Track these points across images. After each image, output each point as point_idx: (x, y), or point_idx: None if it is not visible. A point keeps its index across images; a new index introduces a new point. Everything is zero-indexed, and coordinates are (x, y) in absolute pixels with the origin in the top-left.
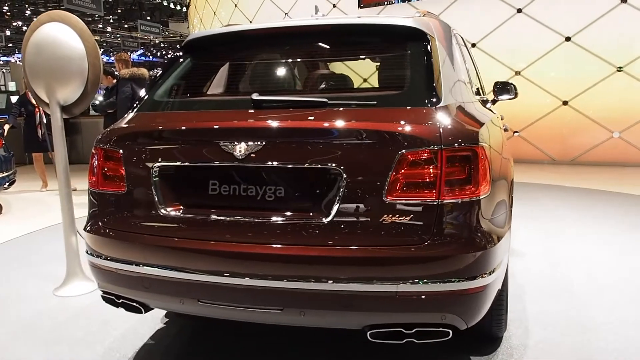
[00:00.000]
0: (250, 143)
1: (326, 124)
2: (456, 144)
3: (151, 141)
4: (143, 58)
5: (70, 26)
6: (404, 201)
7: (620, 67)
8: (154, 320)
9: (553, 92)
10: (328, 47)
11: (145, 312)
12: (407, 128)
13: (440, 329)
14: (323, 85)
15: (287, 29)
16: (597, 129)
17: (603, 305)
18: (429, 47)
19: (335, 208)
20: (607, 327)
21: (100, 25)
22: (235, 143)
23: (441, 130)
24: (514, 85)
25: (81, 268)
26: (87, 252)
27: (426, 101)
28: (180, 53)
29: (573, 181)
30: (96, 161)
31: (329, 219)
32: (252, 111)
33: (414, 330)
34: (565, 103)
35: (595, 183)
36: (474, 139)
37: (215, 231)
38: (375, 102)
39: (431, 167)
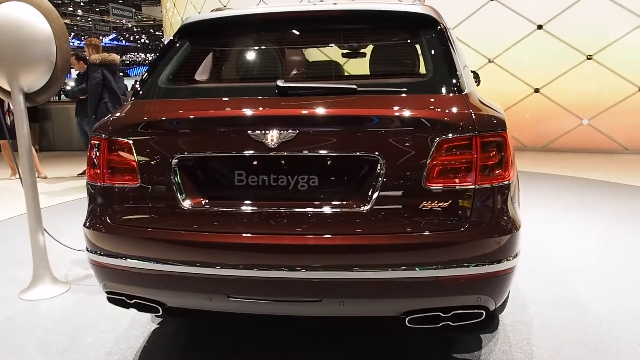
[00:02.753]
0: (282, 131)
1: (363, 111)
2: (488, 130)
3: (169, 131)
4: (116, 42)
5: (34, 6)
6: (443, 187)
7: (589, 55)
8: (146, 320)
9: (525, 79)
10: (344, 33)
11: (161, 312)
12: (444, 115)
13: (475, 310)
14: (343, 72)
15: (301, 13)
16: (567, 116)
17: (586, 283)
18: (444, 35)
19: (374, 196)
20: (592, 302)
21: (71, 8)
22: (266, 131)
23: (474, 117)
24: (477, 73)
25: (49, 268)
26: (88, 250)
27: (453, 89)
28: (182, 36)
29: (543, 167)
30: (98, 152)
31: (369, 206)
32: (280, 98)
33: (450, 314)
34: (536, 90)
35: (565, 169)
36: (503, 125)
37: (246, 223)
38: (405, 89)
39: (468, 153)
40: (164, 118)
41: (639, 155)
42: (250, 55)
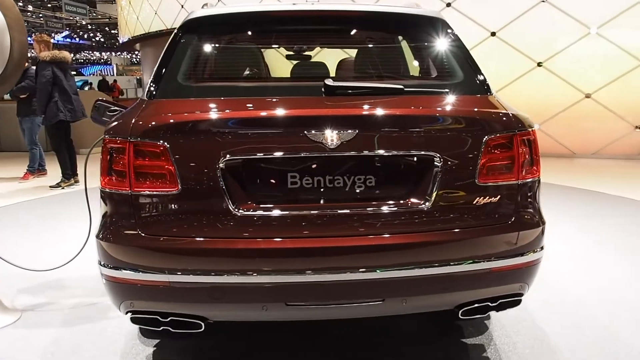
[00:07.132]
0: (342, 131)
1: (419, 111)
2: (524, 129)
3: (216, 132)
4: (69, 40)
5: None
6: (493, 183)
7: (540, 63)
8: (134, 341)
9: None
10: (363, 34)
11: (203, 328)
12: (490, 114)
13: (515, 298)
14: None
15: (323, 12)
16: None
17: (554, 271)
18: (459, 38)
19: (433, 193)
20: (566, 287)
21: (21, 4)
22: (325, 132)
23: (511, 116)
24: None
25: None
26: (105, 266)
27: (485, 90)
28: (191, 31)
29: None
30: (121, 157)
31: (428, 204)
32: (329, 97)
33: (497, 303)
34: None
35: None
36: (531, 123)
37: (304, 226)
38: (447, 90)
39: (510, 151)
40: (210, 118)
41: (586, 159)
42: (278, 53)
